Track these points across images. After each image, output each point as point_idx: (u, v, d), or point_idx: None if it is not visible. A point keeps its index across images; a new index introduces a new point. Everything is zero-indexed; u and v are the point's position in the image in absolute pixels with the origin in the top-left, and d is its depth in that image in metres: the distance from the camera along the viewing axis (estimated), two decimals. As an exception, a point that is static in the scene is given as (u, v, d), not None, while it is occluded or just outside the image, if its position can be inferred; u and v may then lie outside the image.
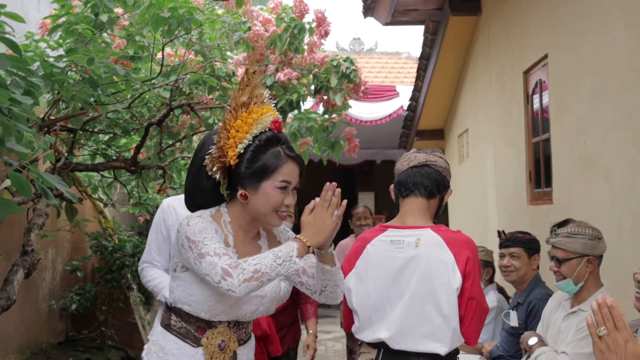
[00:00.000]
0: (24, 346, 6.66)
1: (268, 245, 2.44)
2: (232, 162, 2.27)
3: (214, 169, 2.30)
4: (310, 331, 4.55)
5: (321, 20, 5.50)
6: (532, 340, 3.35)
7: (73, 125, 4.98)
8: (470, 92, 7.97)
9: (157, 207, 6.59)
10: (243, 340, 2.44)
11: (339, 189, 2.26)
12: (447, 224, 9.60)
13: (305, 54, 5.54)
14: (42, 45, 4.69)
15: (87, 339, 7.50)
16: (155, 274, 3.25)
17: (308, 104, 6.57)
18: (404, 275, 2.64)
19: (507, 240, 4.02)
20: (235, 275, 2.10)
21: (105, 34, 4.97)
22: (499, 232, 4.15)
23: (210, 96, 5.75)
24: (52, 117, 4.81)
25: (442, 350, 2.58)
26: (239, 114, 2.28)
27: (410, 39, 32.18)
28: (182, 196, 3.20)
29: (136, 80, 4.79)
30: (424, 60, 8.44)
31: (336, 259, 2.35)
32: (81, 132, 5.34)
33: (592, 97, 4.11)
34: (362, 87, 5.82)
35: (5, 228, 5.03)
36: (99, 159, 5.93)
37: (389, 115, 11.08)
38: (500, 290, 4.91)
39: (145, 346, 2.48)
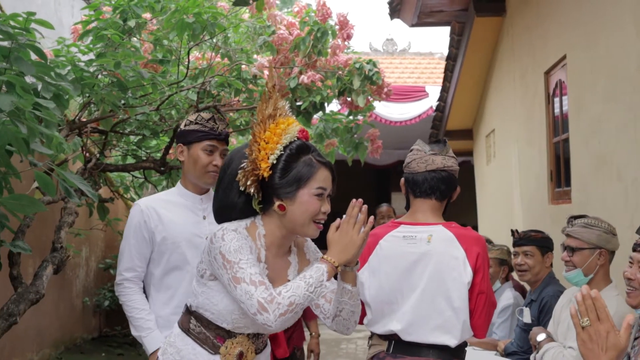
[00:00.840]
0: (58, 341, 6.89)
1: (298, 262, 2.43)
2: (265, 174, 2.25)
3: (248, 183, 2.28)
4: (313, 333, 4.44)
5: (343, 24, 5.61)
6: (541, 337, 3.42)
7: (103, 127, 5.17)
8: (496, 93, 8.01)
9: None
10: (260, 349, 2.44)
11: (365, 206, 2.23)
12: (476, 223, 9.64)
13: (329, 56, 5.66)
14: (74, 49, 4.87)
15: (120, 335, 7.72)
16: (142, 305, 3.01)
17: (335, 106, 6.66)
18: (417, 269, 2.74)
19: (521, 239, 4.09)
20: (271, 311, 2.09)
21: (134, 39, 5.14)
22: (512, 231, 4.22)
23: (237, 98, 5.89)
24: (82, 120, 5.00)
25: (452, 342, 2.67)
26: (267, 126, 2.29)
27: (443, 39, 32.08)
28: (159, 195, 3.20)
29: (162, 83, 4.94)
30: (451, 60, 8.50)
31: (358, 282, 2.34)
32: (112, 134, 5.53)
33: (605, 98, 4.16)
34: (385, 89, 5.91)
35: (38, 226, 5.23)
36: (130, 160, 6.10)
37: (419, 116, 11.14)
38: (520, 287, 4.98)
39: (162, 346, 2.49)
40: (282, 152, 2.26)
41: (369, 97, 5.92)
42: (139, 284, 3.03)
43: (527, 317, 3.97)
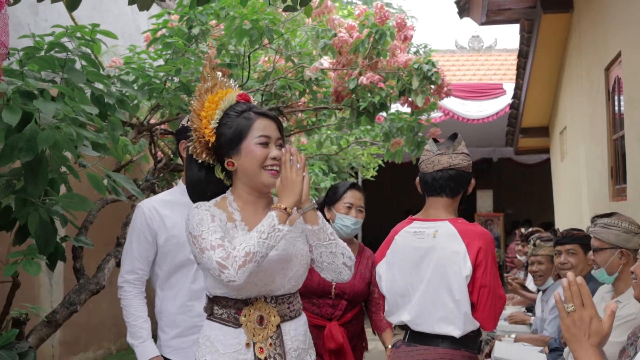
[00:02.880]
0: (119, 335, 7.27)
1: None
2: (211, 139, 2.36)
3: (199, 151, 2.39)
4: (389, 346, 3.70)
5: (401, 26, 5.74)
6: None
7: (171, 128, 5.47)
8: (567, 90, 7.93)
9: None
10: (288, 316, 2.41)
11: (294, 148, 2.32)
12: (552, 219, 9.55)
13: (388, 57, 5.78)
14: (144, 56, 5.18)
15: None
16: (139, 312, 3.02)
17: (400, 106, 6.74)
18: (423, 263, 2.88)
19: (563, 238, 4.12)
20: (230, 266, 2.16)
21: (204, 44, 5.42)
22: (554, 229, 4.26)
23: (303, 99, 6.10)
24: (152, 122, 5.32)
25: (456, 332, 2.79)
26: (204, 99, 2.40)
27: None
28: (161, 196, 3.19)
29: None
30: (522, 58, 8.46)
31: (321, 219, 2.38)
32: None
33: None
34: (445, 89, 5.99)
35: (110, 223, 5.59)
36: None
37: (496, 113, 11.08)
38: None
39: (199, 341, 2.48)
40: (222, 115, 2.37)
41: (429, 97, 6.02)
42: (140, 287, 3.04)
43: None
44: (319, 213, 2.40)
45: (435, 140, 3.05)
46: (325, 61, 5.80)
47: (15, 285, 3.23)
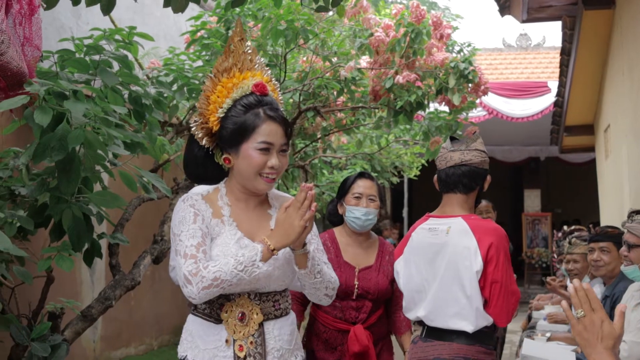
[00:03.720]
0: (177, 328, 7.39)
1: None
2: (214, 127, 2.26)
3: (200, 135, 2.29)
4: (407, 351, 3.46)
5: (437, 24, 5.74)
6: None
7: (210, 128, 5.57)
8: (610, 87, 7.81)
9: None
10: (272, 314, 2.32)
11: (313, 192, 2.15)
12: (598, 217, 9.41)
13: (425, 56, 5.79)
14: (184, 57, 5.29)
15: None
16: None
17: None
18: (437, 259, 2.93)
19: (597, 235, 4.09)
20: (194, 283, 2.11)
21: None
22: (588, 226, 4.23)
23: (342, 98, 6.14)
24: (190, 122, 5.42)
25: (469, 328, 2.82)
26: (219, 80, 2.27)
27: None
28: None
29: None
30: (565, 55, 8.34)
31: (310, 261, 2.28)
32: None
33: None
34: (482, 87, 5.97)
35: (149, 221, 5.71)
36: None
37: (541, 112, 10.98)
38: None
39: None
40: (231, 106, 2.24)
41: (467, 96, 6.00)
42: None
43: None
44: (312, 254, 2.30)
45: (453, 138, 3.06)
46: (364, 61, 5.84)
47: (50, 280, 3.35)
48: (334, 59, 5.72)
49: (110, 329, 6.49)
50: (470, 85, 5.93)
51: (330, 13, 5.47)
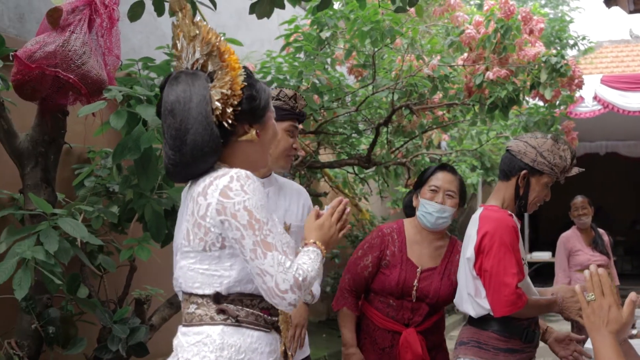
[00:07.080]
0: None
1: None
2: (236, 90, 1.90)
3: (229, 111, 1.89)
4: None
5: (527, 19, 5.74)
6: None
7: (305, 128, 5.82)
8: None
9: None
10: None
11: (348, 208, 2.05)
12: None
13: (515, 51, 5.79)
14: (279, 60, 5.58)
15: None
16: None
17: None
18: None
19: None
20: (303, 289, 1.80)
21: (335, 47, 5.75)
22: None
23: (437, 96, 6.25)
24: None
25: (473, 313, 2.91)
26: (225, 46, 1.95)
27: None
28: None
29: (347, 87, 5.47)
30: (677, 45, 8.07)
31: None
32: (322, 135, 6.14)
33: None
34: (576, 81, 5.90)
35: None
36: (344, 157, 6.66)
37: (659, 105, 10.54)
38: None
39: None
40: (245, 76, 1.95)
41: (560, 90, 5.95)
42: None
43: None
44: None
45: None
46: (460, 59, 5.91)
47: (133, 269, 3.68)
48: (427, 58, 5.83)
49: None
50: (563, 79, 5.88)
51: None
